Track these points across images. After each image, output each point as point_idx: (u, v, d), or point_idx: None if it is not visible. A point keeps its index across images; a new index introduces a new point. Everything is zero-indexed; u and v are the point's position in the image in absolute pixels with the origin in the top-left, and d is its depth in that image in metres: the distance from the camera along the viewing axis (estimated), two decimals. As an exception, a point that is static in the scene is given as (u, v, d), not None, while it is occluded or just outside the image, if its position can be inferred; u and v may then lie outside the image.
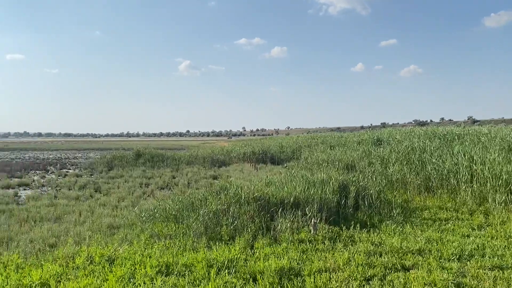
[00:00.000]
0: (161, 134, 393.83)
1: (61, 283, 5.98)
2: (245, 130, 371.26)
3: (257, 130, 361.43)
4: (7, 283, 6.01)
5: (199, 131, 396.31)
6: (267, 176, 15.70)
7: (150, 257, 7.28)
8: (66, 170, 30.40)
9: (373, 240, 8.55)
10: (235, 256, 7.28)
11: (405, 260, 7.25)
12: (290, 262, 7.00)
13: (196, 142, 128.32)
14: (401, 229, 9.43)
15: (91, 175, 25.91)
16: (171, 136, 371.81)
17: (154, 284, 6.05)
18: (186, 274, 6.52)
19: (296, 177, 13.21)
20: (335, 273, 6.65)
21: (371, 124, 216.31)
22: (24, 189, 19.55)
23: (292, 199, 10.50)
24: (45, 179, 23.81)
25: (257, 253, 7.69)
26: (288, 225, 9.19)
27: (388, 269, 6.83)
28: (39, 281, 6.07)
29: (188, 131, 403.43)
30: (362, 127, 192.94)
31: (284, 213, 9.78)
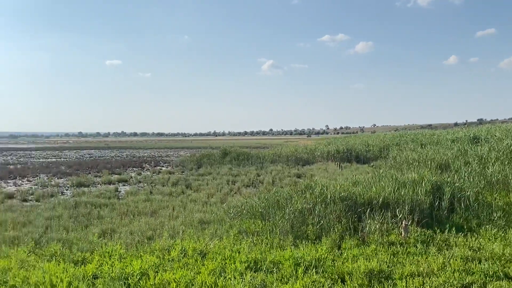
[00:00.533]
0: (245, 133, 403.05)
1: (159, 273, 6.39)
2: (328, 128, 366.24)
3: (341, 128, 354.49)
4: (112, 271, 6.57)
5: (281, 130, 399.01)
6: (353, 176, 15.34)
7: (239, 252, 7.51)
8: (160, 167, 32.41)
9: (471, 245, 7.96)
10: (322, 256, 7.23)
11: (509, 268, 6.65)
12: (380, 264, 6.78)
13: (279, 140, 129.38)
14: (503, 234, 8.66)
15: (182, 172, 27.35)
16: (255, 134, 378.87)
17: (244, 279, 6.22)
18: (274, 271, 6.62)
19: (385, 177, 12.73)
20: (429, 278, 6.31)
21: (466, 121, 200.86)
22: (123, 185, 21.22)
23: (381, 199, 10.14)
24: (141, 175, 25.60)
25: (345, 254, 7.56)
26: (377, 226, 8.90)
27: (489, 277, 6.31)
28: (139, 271, 6.55)
29: (271, 130, 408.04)
30: (456, 124, 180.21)
31: (373, 214, 9.49)
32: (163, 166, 33.59)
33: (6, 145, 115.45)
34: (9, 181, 23.88)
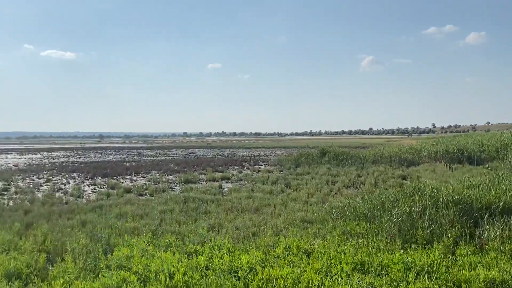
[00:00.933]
0: (343, 132, 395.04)
1: (266, 269, 6.55)
2: (434, 127, 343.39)
3: (449, 126, 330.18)
4: (222, 264, 6.90)
5: (382, 129, 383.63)
6: (467, 178, 14.18)
7: (344, 253, 7.39)
8: (259, 166, 33.21)
9: None
10: (435, 262, 6.80)
11: None
12: (502, 274, 6.19)
13: (379, 140, 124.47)
14: None
15: (280, 171, 27.72)
16: (353, 134, 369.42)
17: (351, 280, 6.10)
18: (383, 274, 6.39)
19: (506, 180, 11.56)
20: None
21: None
22: (226, 182, 22.14)
23: (501, 204, 9.24)
24: (242, 174, 26.48)
25: (460, 261, 7.03)
26: (498, 233, 8.13)
27: None
28: (247, 265, 6.78)
29: (370, 129, 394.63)
30: None
31: (492, 220, 8.68)
32: (262, 165, 34.35)
33: (121, 145, 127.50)
34: (126, 177, 26.33)
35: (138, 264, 6.95)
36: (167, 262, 6.85)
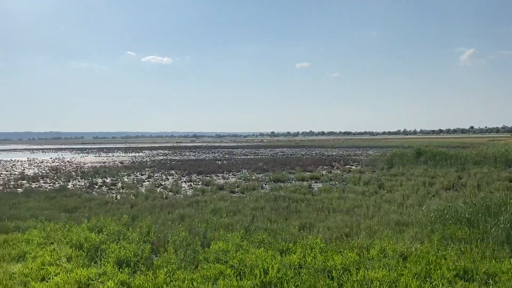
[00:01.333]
0: (440, 131, 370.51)
1: (360, 270, 6.43)
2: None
3: None
4: (315, 263, 6.91)
5: (485, 127, 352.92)
6: None
7: (445, 259, 6.98)
8: (349, 166, 32.49)
9: None
10: (553, 274, 6.13)
11: None
12: None
13: (481, 139, 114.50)
14: None
15: (373, 172, 26.84)
16: (451, 133, 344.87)
17: (453, 287, 5.75)
18: (490, 283, 5.92)
19: None
20: None
21: None
22: (315, 182, 22.02)
23: None
24: (331, 174, 26.13)
25: None
26: None
27: None
28: (340, 266, 6.72)
29: (471, 127, 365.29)
30: None
31: None
32: (352, 165, 33.57)
33: (213, 144, 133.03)
34: (218, 174, 27.43)
35: (233, 258, 7.23)
36: (261, 258, 7.04)
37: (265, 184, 21.11)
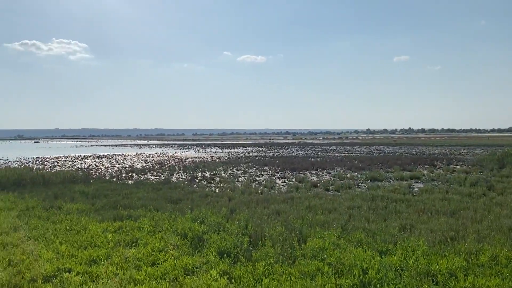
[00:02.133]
0: None
1: (469, 277, 5.99)
2: None
3: None
4: (417, 266, 6.59)
5: None
6: None
7: None
8: (453, 166, 30.29)
9: None
10: None
11: None
12: None
13: None
14: None
15: (480, 172, 24.73)
16: None
17: None
18: None
19: None
20: None
21: None
22: (415, 182, 20.90)
23: None
24: (433, 173, 24.57)
25: None
26: None
27: None
28: (446, 270, 6.32)
29: None
30: None
31: None
32: (457, 165, 31.23)
33: (305, 141, 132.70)
34: (312, 172, 27.35)
35: (331, 256, 7.19)
36: (359, 258, 6.90)
37: (361, 183, 20.56)
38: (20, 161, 41.77)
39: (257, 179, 22.74)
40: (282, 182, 21.51)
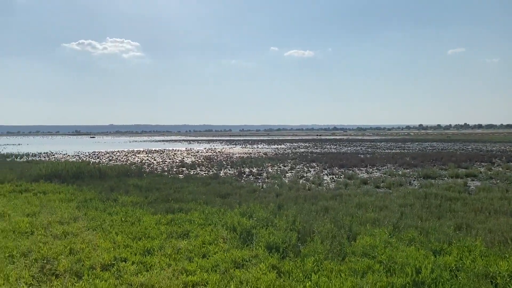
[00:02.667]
0: None
1: (532, 281, 5.67)
2: None
3: None
4: (475, 267, 6.31)
5: None
6: None
7: None
8: (513, 163, 28.60)
9: None
10: None
11: None
12: None
13: None
14: None
15: (544, 170, 23.19)
16: None
17: None
18: None
19: None
20: None
21: None
22: (472, 180, 19.95)
23: None
24: (491, 171, 23.36)
25: None
26: None
27: None
28: (506, 272, 6.01)
29: None
30: None
31: None
32: (517, 162, 29.46)
33: (354, 137, 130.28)
34: (361, 168, 26.81)
35: (382, 254, 7.04)
36: (412, 257, 6.71)
37: (414, 180, 19.91)
38: (78, 155, 44.04)
39: (305, 175, 22.62)
40: (330, 178, 21.26)
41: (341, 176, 21.89)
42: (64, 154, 45.84)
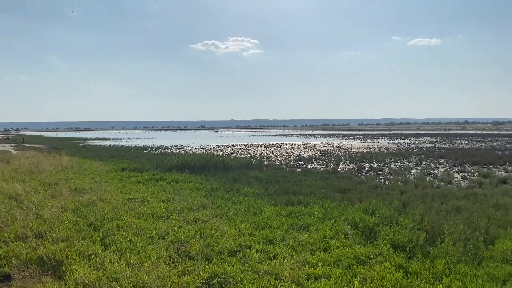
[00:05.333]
0: None
1: None
2: None
3: None
4: None
5: None
6: None
7: None
8: None
9: None
10: None
11: None
12: None
13: None
14: None
15: None
16: None
17: None
18: None
19: None
20: None
21: None
22: None
23: None
24: None
25: None
26: None
27: None
28: None
29: None
30: None
31: None
32: None
33: (489, 131, 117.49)
34: (498, 166, 24.08)
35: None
36: None
37: None
38: (203, 148, 47.29)
39: (432, 172, 21.08)
40: (461, 176, 19.50)
41: (475, 174, 19.93)
42: (192, 147, 49.59)
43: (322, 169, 22.77)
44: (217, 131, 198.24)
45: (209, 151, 39.12)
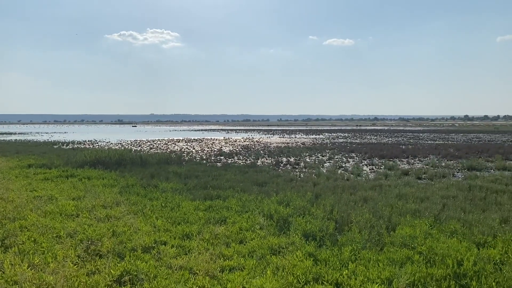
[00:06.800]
0: None
1: None
2: None
3: None
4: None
5: None
6: None
7: None
8: None
9: None
10: None
11: None
12: None
13: None
14: None
15: None
16: None
17: None
18: None
19: None
20: None
21: None
22: (520, 173, 19.02)
23: None
24: (542, 164, 22.15)
25: None
26: None
27: None
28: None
29: None
30: None
31: None
32: None
33: (396, 127, 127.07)
34: (402, 159, 26.16)
35: (422, 245, 6.88)
36: (453, 248, 6.51)
37: (457, 172, 19.24)
38: (120, 143, 45.47)
39: (343, 165, 22.32)
40: (370, 169, 20.89)
41: (381, 167, 21.46)
42: (107, 142, 47.45)
43: (242, 163, 23.05)
44: (135, 126, 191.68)
45: (126, 146, 37.72)
